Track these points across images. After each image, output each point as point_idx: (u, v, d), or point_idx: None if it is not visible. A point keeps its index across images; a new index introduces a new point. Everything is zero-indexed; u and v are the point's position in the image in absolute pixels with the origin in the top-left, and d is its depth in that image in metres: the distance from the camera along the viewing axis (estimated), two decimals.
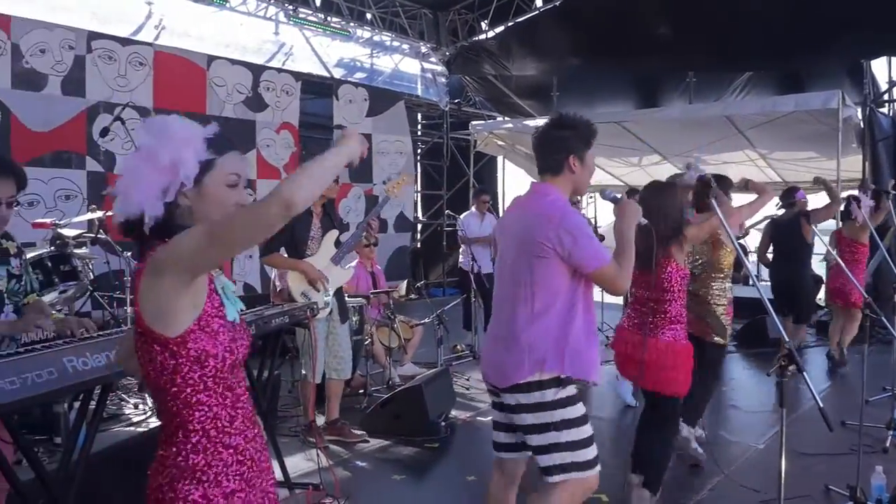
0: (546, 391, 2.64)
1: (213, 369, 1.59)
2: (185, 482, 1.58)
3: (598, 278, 2.65)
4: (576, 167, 2.75)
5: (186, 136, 1.58)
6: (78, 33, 7.88)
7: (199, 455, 1.59)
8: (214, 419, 1.61)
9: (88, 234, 5.39)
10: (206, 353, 1.57)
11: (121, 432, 4.24)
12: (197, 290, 1.56)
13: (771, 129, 8.97)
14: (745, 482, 4.25)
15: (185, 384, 1.57)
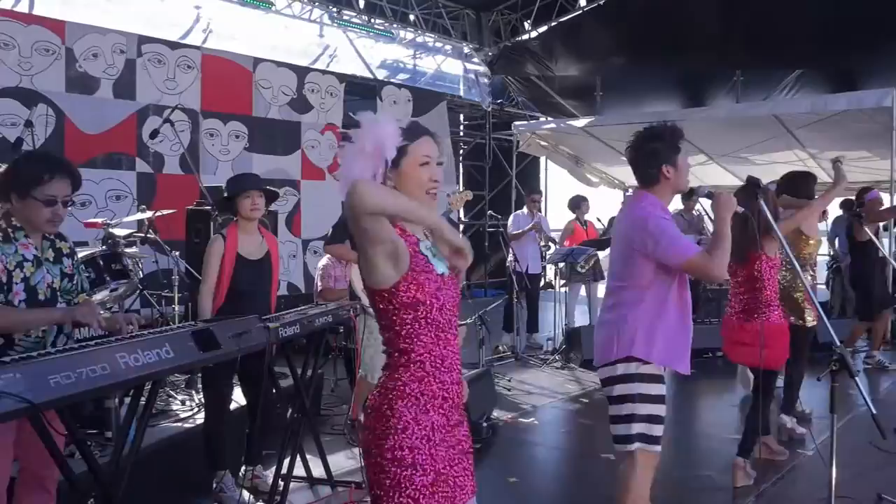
0: (630, 364, 2.91)
1: (424, 312, 1.93)
2: (401, 402, 1.91)
3: (688, 269, 2.88)
4: (669, 174, 2.99)
5: (384, 127, 1.93)
6: (129, 37, 8.05)
7: (415, 383, 1.93)
8: (428, 354, 1.95)
9: (138, 234, 5.50)
10: (415, 300, 1.91)
11: (168, 428, 4.31)
12: (396, 255, 1.89)
13: (821, 129, 8.77)
14: (793, 490, 4.16)
15: (402, 324, 1.93)
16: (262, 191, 4.01)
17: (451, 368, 1.99)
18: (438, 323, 1.96)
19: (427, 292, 1.93)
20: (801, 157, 10.19)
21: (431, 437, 1.92)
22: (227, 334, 2.83)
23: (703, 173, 11.80)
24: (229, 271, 3.91)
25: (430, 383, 1.94)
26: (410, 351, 1.95)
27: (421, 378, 1.94)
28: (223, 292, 3.92)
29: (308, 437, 4.19)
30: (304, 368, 4.07)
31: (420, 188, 1.99)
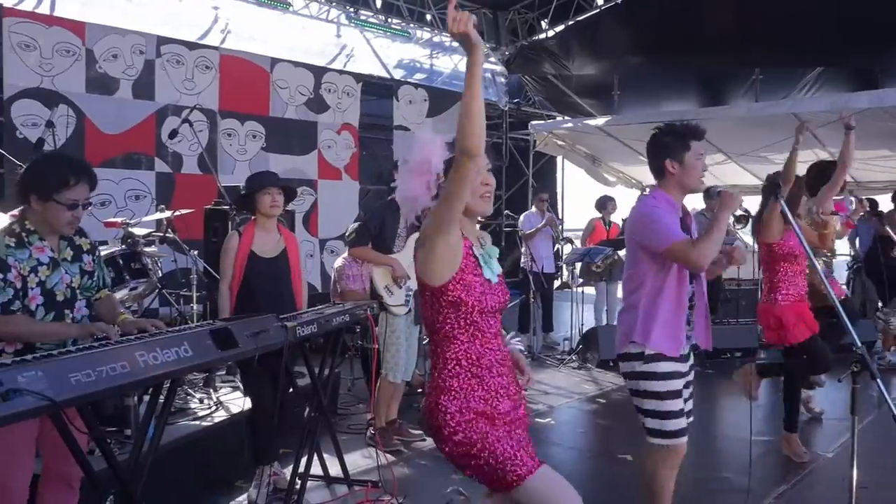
0: (634, 362, 3.01)
1: (465, 312, 2.11)
2: (444, 397, 2.13)
3: (671, 255, 2.93)
4: (674, 169, 3.04)
5: (431, 144, 2.12)
6: (148, 38, 8.12)
7: (454, 380, 2.14)
8: (465, 353, 2.14)
9: (157, 233, 5.55)
10: (459, 300, 2.09)
11: (186, 426, 4.34)
12: (454, 252, 2.08)
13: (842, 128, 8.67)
14: (813, 492, 4.12)
15: (444, 321, 2.13)
16: (280, 188, 4.05)
17: (489, 366, 2.17)
18: (477, 324, 2.14)
19: (472, 294, 2.11)
20: (822, 156, 10.08)
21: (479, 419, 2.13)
22: (244, 333, 2.84)
23: (721, 172, 11.72)
24: (241, 268, 3.96)
25: (467, 379, 2.14)
26: (448, 350, 2.15)
27: (458, 374, 2.15)
28: (235, 289, 3.98)
29: (325, 436, 4.20)
30: (322, 367, 4.08)
31: (473, 193, 2.13)
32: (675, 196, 3.10)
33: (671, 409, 2.99)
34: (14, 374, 1.90)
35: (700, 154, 3.04)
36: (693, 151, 3.02)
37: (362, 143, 10.28)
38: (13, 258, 2.68)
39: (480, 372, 2.16)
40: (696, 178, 3.05)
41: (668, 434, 3.00)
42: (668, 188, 3.09)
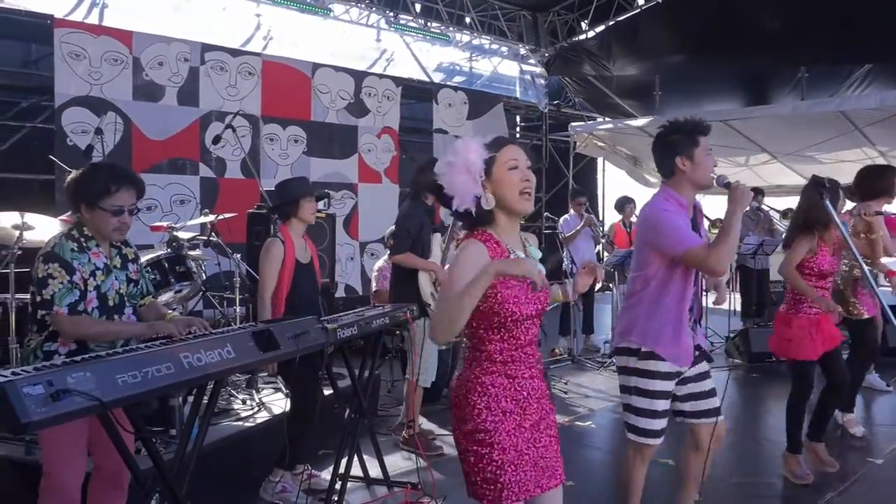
0: (630, 358, 3.07)
1: (498, 321, 2.17)
2: (474, 393, 2.19)
3: (687, 260, 2.93)
4: (685, 166, 3.02)
5: (470, 147, 2.16)
6: (192, 46, 8.28)
7: (486, 377, 2.20)
8: (499, 354, 2.20)
9: (201, 237, 5.65)
10: (490, 310, 2.16)
11: (229, 426, 4.42)
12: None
13: (892, 126, 8.47)
14: (861, 499, 4.03)
15: (479, 327, 2.20)
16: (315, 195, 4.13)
17: (520, 366, 2.22)
18: (510, 329, 2.19)
19: (504, 306, 2.16)
20: (871, 154, 9.85)
21: (505, 421, 2.17)
22: (286, 335, 2.88)
23: (766, 172, 11.52)
24: (289, 277, 3.97)
25: (499, 377, 2.20)
26: (482, 349, 2.21)
27: (490, 372, 2.20)
28: (282, 298, 3.96)
29: (365, 438, 4.23)
30: (362, 369, 4.12)
31: (513, 190, 2.18)
32: (685, 194, 3.07)
33: (650, 409, 3.05)
34: (63, 375, 1.96)
35: (709, 149, 3.03)
36: (702, 147, 3.01)
37: (402, 146, 10.33)
38: (77, 262, 2.80)
39: (510, 371, 2.21)
40: (706, 173, 3.02)
41: (649, 433, 3.06)
42: (678, 186, 3.07)
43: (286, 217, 4.08)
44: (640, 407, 3.06)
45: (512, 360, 2.21)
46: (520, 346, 2.23)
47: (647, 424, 3.06)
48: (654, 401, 3.04)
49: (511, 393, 2.21)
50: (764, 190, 9.53)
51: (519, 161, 2.19)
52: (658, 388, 3.04)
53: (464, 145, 2.17)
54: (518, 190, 2.18)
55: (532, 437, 2.22)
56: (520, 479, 2.15)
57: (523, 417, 2.22)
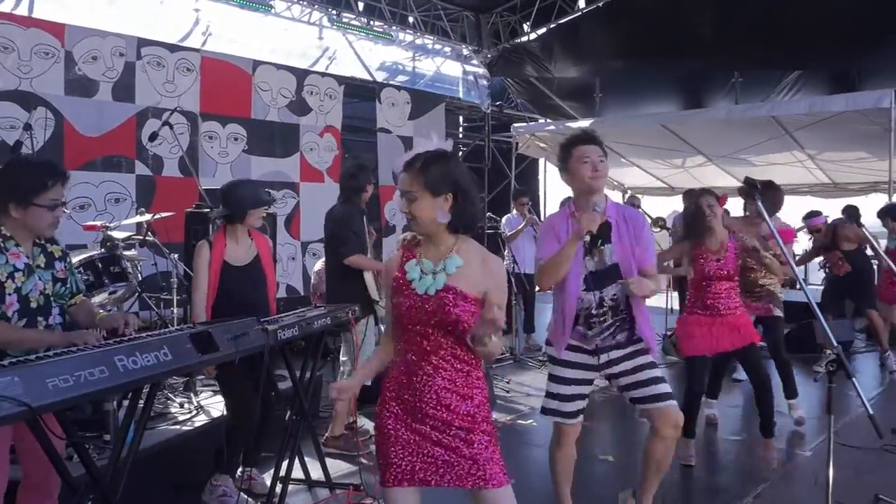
0: (550, 347, 3.44)
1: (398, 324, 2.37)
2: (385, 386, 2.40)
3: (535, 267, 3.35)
4: (566, 178, 3.30)
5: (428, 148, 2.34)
6: (128, 40, 8.06)
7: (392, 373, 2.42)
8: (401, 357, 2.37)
9: (137, 237, 5.51)
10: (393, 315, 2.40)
11: (167, 430, 4.32)
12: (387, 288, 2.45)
13: (820, 130, 8.79)
14: (790, 491, 4.17)
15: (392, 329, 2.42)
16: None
17: (410, 372, 2.33)
18: (407, 334, 2.33)
19: (400, 311, 2.32)
20: (800, 157, 10.22)
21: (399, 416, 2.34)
22: (225, 336, 2.83)
23: (701, 174, 11.82)
24: (216, 279, 3.88)
25: (398, 376, 2.37)
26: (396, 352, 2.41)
27: (395, 370, 2.39)
28: (210, 300, 3.88)
29: (306, 440, 4.19)
30: (303, 370, 4.07)
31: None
32: (580, 201, 3.25)
33: (555, 392, 3.34)
34: None
35: (582, 158, 3.16)
36: (575, 157, 3.20)
37: (345, 145, 10.25)
38: None
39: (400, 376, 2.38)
40: (581, 180, 3.19)
41: (562, 413, 3.34)
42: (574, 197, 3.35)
43: (230, 221, 3.99)
44: (550, 391, 3.37)
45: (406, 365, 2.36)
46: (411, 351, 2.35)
47: (556, 406, 3.34)
48: (559, 385, 3.33)
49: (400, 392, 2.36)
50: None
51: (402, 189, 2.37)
52: (560, 373, 3.34)
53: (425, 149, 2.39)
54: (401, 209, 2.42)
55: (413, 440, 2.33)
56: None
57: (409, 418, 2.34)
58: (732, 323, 4.48)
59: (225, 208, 3.98)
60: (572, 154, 3.19)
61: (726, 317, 4.48)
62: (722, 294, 4.49)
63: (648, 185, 12.98)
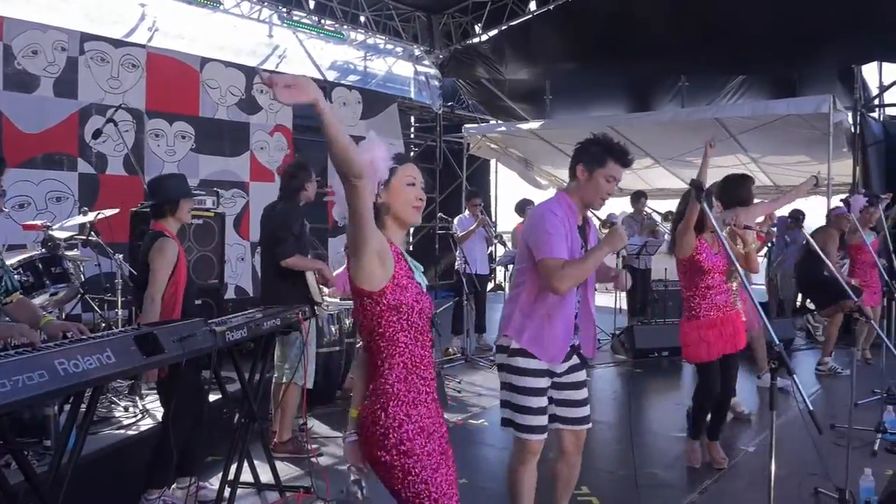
0: (502, 354, 3.14)
1: (406, 314, 2.12)
2: (393, 403, 2.11)
3: (540, 268, 3.01)
4: (582, 176, 3.07)
5: (381, 151, 2.13)
6: (70, 35, 7.85)
7: (401, 384, 2.12)
8: (410, 355, 2.14)
9: (80, 237, 5.37)
10: (399, 302, 2.10)
11: (111, 435, 4.22)
12: (383, 257, 2.08)
13: (762, 134, 9.03)
14: (734, 486, 4.27)
15: (387, 325, 2.11)
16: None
17: (428, 366, 2.20)
18: (417, 326, 2.16)
19: (409, 296, 2.13)
20: (743, 160, 10.48)
21: (425, 427, 2.14)
22: (171, 338, 2.78)
23: (648, 176, 12.04)
24: (183, 280, 3.79)
25: (413, 381, 2.15)
26: (394, 353, 2.14)
27: (405, 378, 2.14)
28: (179, 300, 3.76)
29: (256, 443, 4.14)
30: (252, 372, 4.02)
31: (407, 202, 2.22)
32: (576, 202, 3.12)
33: (525, 405, 3.08)
34: None
35: (611, 177, 3.04)
36: (606, 169, 3.03)
37: (296, 144, 10.15)
38: None
39: (423, 373, 2.18)
40: (595, 195, 3.07)
41: (520, 427, 3.11)
42: (573, 193, 3.12)
43: (161, 215, 3.88)
44: (515, 403, 3.11)
45: (420, 360, 2.17)
46: (424, 346, 2.19)
47: (523, 420, 3.09)
48: (527, 397, 3.08)
49: (424, 396, 2.18)
50: (647, 193, 9.97)
51: (416, 180, 2.25)
52: (529, 384, 3.08)
53: (376, 151, 2.14)
54: (412, 204, 2.23)
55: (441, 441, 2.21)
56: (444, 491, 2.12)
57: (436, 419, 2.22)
58: (734, 324, 4.45)
59: (155, 199, 3.86)
60: (606, 165, 3.03)
61: (728, 315, 4.42)
62: (721, 288, 4.43)
63: None
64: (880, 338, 4.29)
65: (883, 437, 4.83)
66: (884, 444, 4.79)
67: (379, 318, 2.11)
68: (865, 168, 9.43)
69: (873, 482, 3.78)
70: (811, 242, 5.16)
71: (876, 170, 9.58)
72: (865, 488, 3.76)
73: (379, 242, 2.07)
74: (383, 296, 2.09)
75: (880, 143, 9.89)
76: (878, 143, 9.83)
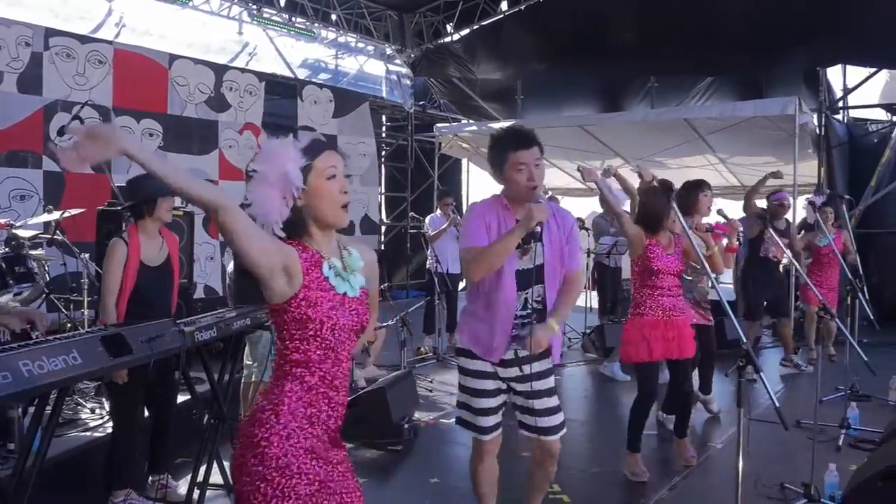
0: (457, 356, 3.19)
1: (314, 329, 1.91)
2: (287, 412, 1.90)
3: (461, 257, 3.03)
4: (499, 180, 3.02)
5: (285, 153, 1.89)
6: (35, 30, 7.72)
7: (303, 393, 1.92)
8: (317, 369, 1.94)
9: (45, 235, 5.28)
10: (305, 316, 1.90)
11: (77, 437, 4.15)
12: (292, 274, 1.89)
13: (730, 134, 9.14)
14: (703, 482, 4.32)
15: (292, 338, 1.93)
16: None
17: (339, 388, 1.99)
18: (329, 342, 1.95)
19: (320, 310, 1.92)
20: (712, 161, 10.61)
21: (316, 448, 1.92)
22: (139, 339, 2.74)
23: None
24: (132, 280, 3.71)
25: (316, 398, 1.95)
26: (299, 364, 1.94)
27: (308, 390, 1.94)
28: (124, 302, 3.70)
29: (226, 444, 4.09)
30: (221, 373, 3.97)
31: (332, 203, 1.98)
32: (511, 201, 3.01)
33: (469, 405, 3.10)
34: None
35: (519, 164, 2.88)
36: (510, 163, 2.90)
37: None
38: None
39: (329, 392, 1.97)
40: (517, 188, 2.92)
41: (466, 425, 3.14)
42: (506, 192, 3.03)
43: (139, 216, 3.83)
44: (462, 402, 3.14)
45: (332, 378, 1.97)
46: (338, 363, 1.98)
47: (472, 420, 3.11)
48: (471, 398, 3.09)
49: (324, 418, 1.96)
50: None
51: (338, 169, 1.99)
52: (471, 385, 3.08)
53: (278, 154, 1.90)
54: (339, 203, 1.99)
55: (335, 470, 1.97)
56: None
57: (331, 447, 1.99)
58: (679, 329, 4.31)
59: (133, 200, 3.81)
60: (507, 159, 2.89)
61: (674, 319, 4.29)
62: (670, 291, 4.30)
63: (568, 185, 13.22)
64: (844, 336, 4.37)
65: (847, 433, 4.92)
66: (848, 439, 4.88)
67: (283, 330, 1.94)
68: (830, 169, 9.60)
69: (837, 477, 3.84)
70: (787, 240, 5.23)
71: (840, 171, 9.76)
72: (830, 483, 3.83)
73: (282, 261, 1.88)
74: (287, 310, 1.92)
75: (844, 144, 10.09)
76: (842, 144, 10.03)
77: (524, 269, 2.98)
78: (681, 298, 4.41)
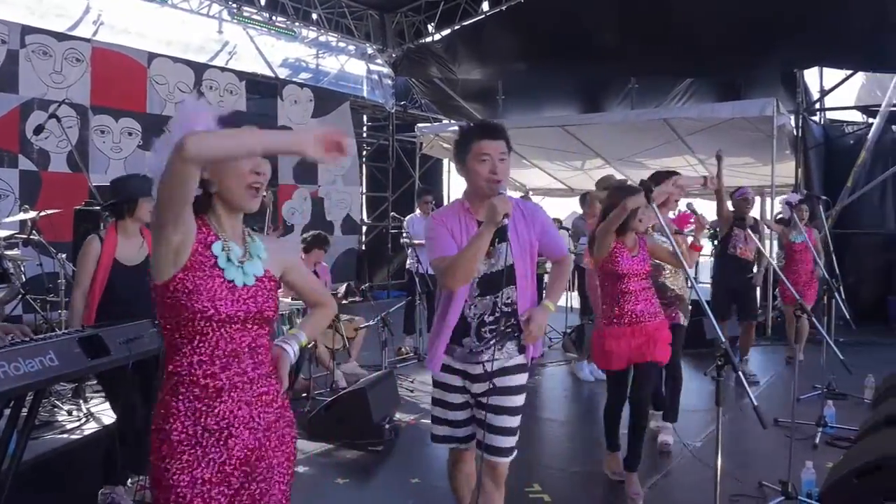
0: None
1: (188, 321, 1.74)
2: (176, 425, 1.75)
3: (433, 268, 2.87)
4: (462, 173, 2.85)
5: (196, 115, 1.73)
6: (11, 27, 7.62)
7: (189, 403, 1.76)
8: (201, 373, 1.76)
9: (21, 235, 5.23)
10: (180, 304, 1.73)
11: (54, 439, 4.10)
12: (178, 250, 1.72)
13: (709, 135, 9.21)
14: (682, 480, 4.35)
15: (171, 329, 1.77)
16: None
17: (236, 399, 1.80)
18: (208, 337, 1.77)
19: (199, 298, 1.74)
20: (691, 161, 10.69)
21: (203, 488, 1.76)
22: (117, 340, 2.72)
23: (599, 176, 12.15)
24: (104, 278, 3.67)
25: (202, 413, 1.77)
26: (181, 366, 1.77)
27: (194, 400, 1.77)
28: (96, 300, 3.66)
29: None
30: None
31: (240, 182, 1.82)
32: (472, 201, 2.84)
33: (436, 416, 3.02)
34: None
35: (483, 155, 2.71)
36: (472, 152, 2.73)
37: None
38: None
39: (217, 406, 1.77)
40: (477, 180, 2.74)
41: (441, 438, 3.03)
42: (465, 193, 2.88)
43: (119, 215, 3.81)
44: (437, 416, 3.03)
45: (219, 388, 1.78)
46: (229, 368, 1.80)
47: (436, 430, 3.04)
48: (433, 406, 3.03)
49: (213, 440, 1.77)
50: None
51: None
52: (434, 394, 3.02)
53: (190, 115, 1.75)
54: (246, 183, 1.81)
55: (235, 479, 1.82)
56: None
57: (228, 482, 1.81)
58: (649, 334, 4.01)
59: (114, 199, 3.79)
60: (471, 149, 2.72)
61: (646, 324, 4.00)
62: (639, 295, 4.02)
63: (549, 186, 13.28)
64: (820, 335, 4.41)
65: (823, 431, 4.97)
66: (824, 437, 4.94)
67: (161, 310, 1.78)
68: (807, 170, 9.72)
69: (814, 475, 3.88)
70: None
71: (816, 171, 9.88)
72: (807, 481, 3.87)
73: (181, 237, 1.73)
74: (166, 292, 1.75)
75: (821, 145, 10.21)
76: (819, 145, 10.15)
77: (491, 273, 2.79)
78: (653, 302, 4.10)
